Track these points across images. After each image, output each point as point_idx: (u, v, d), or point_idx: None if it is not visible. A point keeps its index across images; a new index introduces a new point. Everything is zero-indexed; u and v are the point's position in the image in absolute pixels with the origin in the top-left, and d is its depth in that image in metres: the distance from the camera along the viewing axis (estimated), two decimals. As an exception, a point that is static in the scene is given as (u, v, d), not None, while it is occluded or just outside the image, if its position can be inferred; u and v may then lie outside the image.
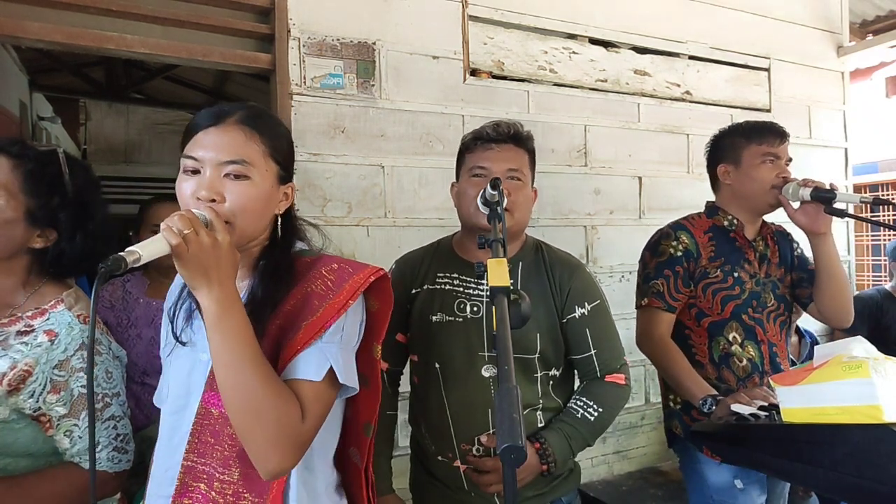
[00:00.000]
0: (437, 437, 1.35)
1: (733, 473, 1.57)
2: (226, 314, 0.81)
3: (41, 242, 1.06)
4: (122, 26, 2.24)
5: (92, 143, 5.91)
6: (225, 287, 0.81)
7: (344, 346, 0.91)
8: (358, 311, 0.95)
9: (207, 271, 0.80)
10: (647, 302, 1.67)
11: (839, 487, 1.07)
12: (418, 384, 1.41)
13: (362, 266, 0.95)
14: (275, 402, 0.81)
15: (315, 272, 0.93)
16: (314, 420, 0.86)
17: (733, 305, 1.62)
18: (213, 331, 0.82)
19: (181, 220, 0.79)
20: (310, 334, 0.88)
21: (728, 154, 1.71)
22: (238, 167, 0.88)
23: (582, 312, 1.36)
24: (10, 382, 0.96)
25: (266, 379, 0.82)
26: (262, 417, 0.80)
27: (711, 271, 1.64)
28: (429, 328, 1.35)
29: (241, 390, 0.81)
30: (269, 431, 0.80)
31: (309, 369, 0.87)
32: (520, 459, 0.51)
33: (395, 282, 1.44)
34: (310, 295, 0.91)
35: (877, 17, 4.34)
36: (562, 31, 3.06)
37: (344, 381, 0.89)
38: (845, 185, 3.93)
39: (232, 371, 0.81)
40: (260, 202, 0.91)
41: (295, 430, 0.83)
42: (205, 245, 0.79)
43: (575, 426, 1.31)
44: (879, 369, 1.03)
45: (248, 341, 0.82)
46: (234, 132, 0.90)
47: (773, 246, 1.72)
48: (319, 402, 0.87)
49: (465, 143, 1.41)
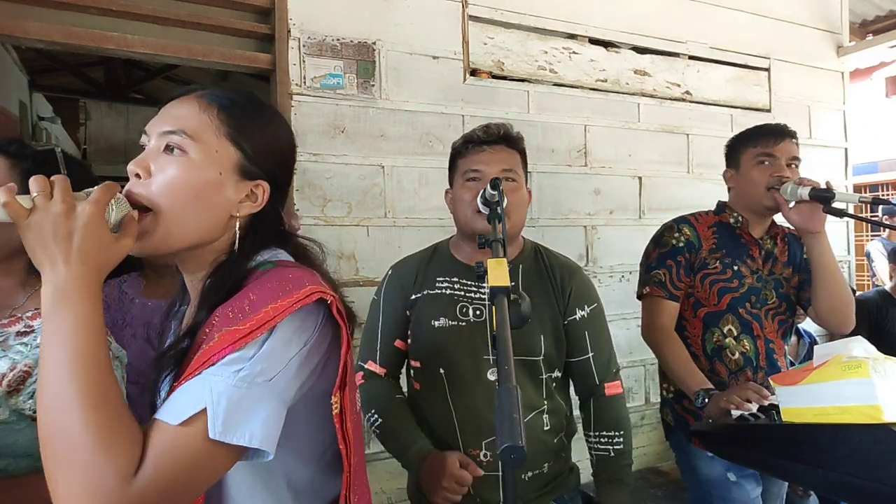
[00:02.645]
0: (443, 444, 1.33)
1: (725, 466, 1.60)
2: (63, 307, 0.62)
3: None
4: (122, 26, 2.24)
5: (92, 143, 5.91)
6: (73, 270, 0.63)
7: (243, 383, 0.63)
8: (293, 342, 0.69)
9: (49, 245, 0.62)
10: (648, 291, 1.69)
11: (839, 487, 1.07)
12: (420, 390, 1.41)
13: (298, 287, 0.70)
14: (95, 441, 0.58)
15: (244, 291, 0.70)
16: (158, 479, 0.59)
17: (730, 298, 1.63)
18: (46, 323, 0.62)
19: (35, 180, 0.64)
20: (194, 367, 0.65)
21: (732, 158, 1.75)
22: (175, 138, 0.72)
23: (582, 315, 1.37)
24: (10, 383, 0.96)
25: (91, 407, 0.59)
26: (71, 458, 0.58)
27: (711, 262, 1.66)
28: (431, 334, 1.35)
29: (54, 414, 0.59)
30: (74, 481, 0.57)
31: (170, 407, 0.63)
32: (520, 459, 0.50)
33: (392, 287, 1.44)
34: (219, 319, 0.68)
35: (877, 17, 4.34)
36: (562, 31, 3.06)
37: (217, 435, 0.60)
38: (845, 185, 3.94)
39: (50, 384, 0.60)
40: (194, 188, 0.72)
41: (113, 489, 0.57)
42: (53, 212, 0.62)
43: (616, 465, 1.35)
44: (879, 369, 1.03)
45: (84, 347, 0.61)
46: (188, 103, 0.76)
47: (783, 245, 1.73)
48: (171, 455, 0.60)
49: (456, 148, 1.41)
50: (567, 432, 1.41)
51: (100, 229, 0.65)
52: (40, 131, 4.83)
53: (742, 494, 1.60)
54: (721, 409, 1.36)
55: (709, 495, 1.65)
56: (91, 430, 0.58)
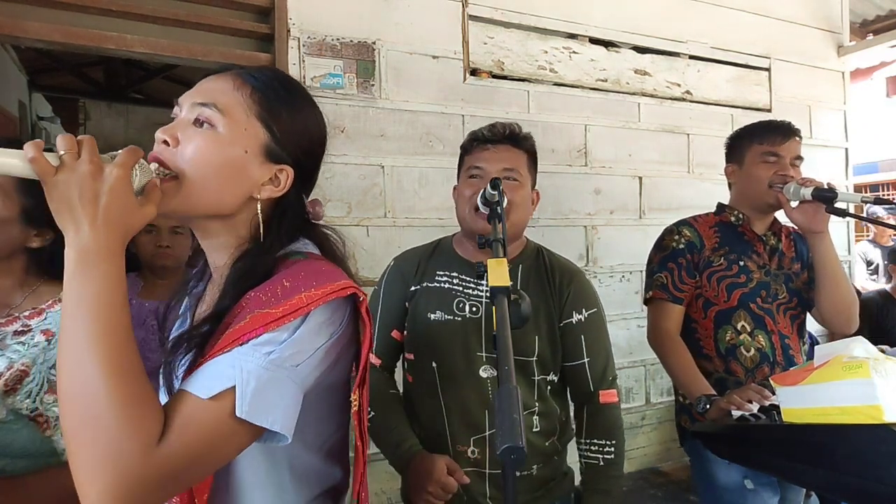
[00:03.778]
0: (432, 438, 1.33)
1: (743, 473, 1.56)
2: (87, 270, 0.60)
3: (38, 242, 1.06)
4: (122, 26, 2.24)
5: (92, 143, 5.91)
6: (99, 233, 0.61)
7: (272, 366, 0.64)
8: (322, 331, 0.69)
9: (75, 206, 0.60)
10: (651, 294, 1.69)
11: (839, 487, 1.07)
12: (412, 383, 1.40)
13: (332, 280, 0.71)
14: (117, 410, 0.57)
15: (277, 277, 0.71)
16: (180, 450, 0.59)
17: (740, 293, 1.62)
18: (68, 286, 0.61)
19: (63, 139, 0.62)
20: (223, 345, 0.65)
21: (734, 154, 1.74)
22: (205, 110, 0.72)
23: (579, 318, 1.35)
24: (7, 383, 0.96)
25: (115, 374, 0.58)
26: (94, 425, 0.57)
27: (715, 260, 1.65)
28: (427, 326, 1.35)
29: (76, 381, 0.58)
30: (95, 448, 0.56)
31: (198, 381, 0.63)
32: (520, 459, 0.50)
33: (392, 277, 1.44)
34: (250, 300, 0.68)
35: (877, 17, 4.34)
36: (562, 31, 3.06)
37: (244, 414, 0.61)
38: (846, 185, 3.93)
39: (72, 351, 0.59)
40: (219, 160, 0.72)
41: (134, 457, 0.56)
42: (80, 172, 0.61)
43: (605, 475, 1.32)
44: (880, 369, 1.03)
45: (105, 316, 0.60)
46: (224, 79, 0.76)
47: (789, 242, 1.72)
48: (198, 428, 0.60)
49: (463, 145, 1.42)
50: (561, 437, 1.39)
51: (126, 193, 0.64)
52: (40, 131, 4.83)
53: (759, 502, 1.56)
54: (722, 411, 1.35)
55: (723, 501, 1.61)
56: (114, 397, 0.58)
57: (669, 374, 1.64)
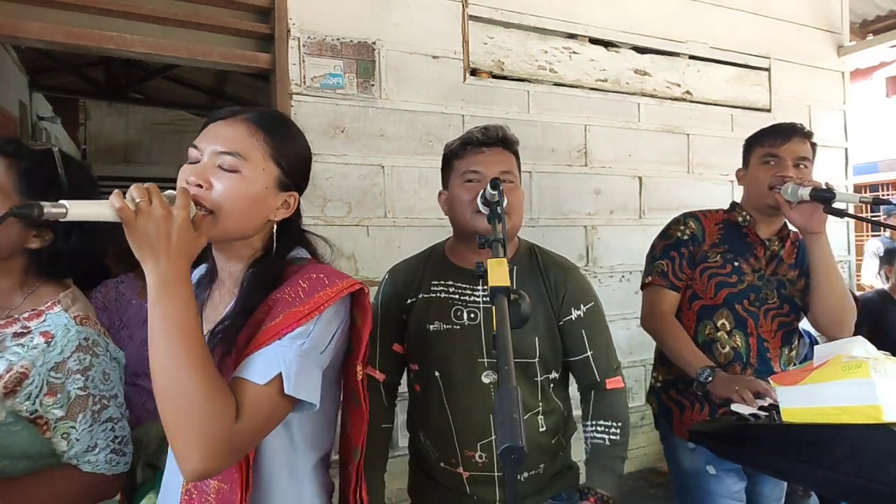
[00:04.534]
0: (440, 444, 1.34)
1: (705, 459, 1.61)
2: (168, 292, 0.78)
3: (37, 243, 1.05)
4: (122, 26, 2.24)
5: (91, 144, 5.92)
6: (173, 264, 0.78)
7: (305, 354, 0.84)
8: (334, 321, 0.90)
9: (154, 244, 0.76)
10: (650, 280, 1.71)
11: (839, 487, 1.07)
12: (419, 392, 1.41)
13: (341, 278, 0.91)
14: (205, 398, 0.76)
15: (292, 280, 0.90)
16: (250, 424, 0.80)
17: (727, 292, 1.64)
18: (154, 308, 0.78)
19: (137, 188, 0.77)
20: (267, 336, 0.84)
21: (744, 158, 1.77)
22: (231, 159, 0.87)
23: (578, 314, 1.36)
24: (7, 385, 0.96)
25: (200, 371, 0.77)
26: (189, 412, 0.75)
27: (711, 256, 1.68)
28: (426, 337, 1.35)
29: (171, 378, 0.77)
30: (194, 428, 0.75)
31: (254, 370, 0.82)
32: (520, 459, 0.50)
33: (388, 292, 1.44)
34: (278, 301, 0.87)
35: (877, 17, 4.34)
36: (562, 31, 3.06)
37: (291, 392, 0.81)
38: (845, 185, 3.94)
39: (165, 356, 0.77)
40: (247, 199, 0.88)
41: (224, 430, 0.76)
42: (156, 216, 0.76)
43: (609, 454, 1.32)
44: (879, 369, 1.03)
45: (187, 326, 0.78)
46: (238, 126, 0.91)
47: (791, 248, 1.73)
48: (259, 407, 0.81)
49: (452, 149, 1.40)
50: (565, 433, 1.41)
51: (189, 230, 0.79)
52: (40, 131, 4.83)
53: (721, 488, 1.61)
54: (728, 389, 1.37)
55: (688, 486, 1.68)
56: (202, 390, 0.76)
57: (667, 349, 1.65)
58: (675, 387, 1.72)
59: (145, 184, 0.79)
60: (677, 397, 1.71)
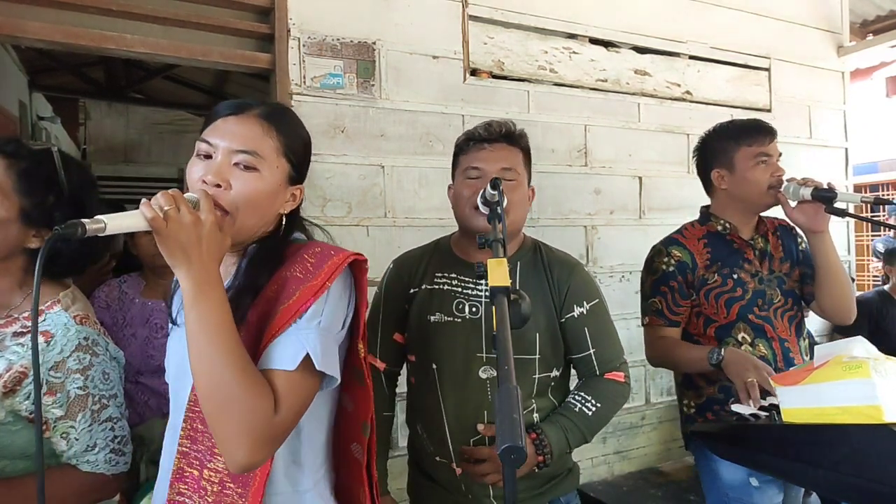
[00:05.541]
0: (434, 438, 1.34)
1: (748, 472, 1.56)
2: (203, 296, 0.79)
3: (37, 242, 1.05)
4: (122, 26, 2.24)
5: (91, 143, 5.90)
6: (205, 267, 0.80)
7: (323, 332, 0.87)
8: (343, 297, 0.92)
9: (186, 249, 0.78)
10: (647, 321, 1.70)
11: (839, 487, 1.07)
12: (415, 385, 1.41)
13: (343, 249, 0.94)
14: (246, 394, 0.78)
15: (297, 256, 0.92)
16: (289, 413, 0.83)
17: (738, 307, 1.62)
18: (190, 311, 0.80)
19: (164, 196, 0.78)
20: (286, 318, 0.86)
21: (720, 158, 1.69)
22: (249, 158, 0.88)
23: (581, 311, 1.35)
24: (6, 384, 0.96)
25: (239, 368, 0.79)
26: (232, 408, 0.78)
27: (710, 277, 1.64)
28: (427, 328, 1.35)
29: (212, 378, 0.79)
30: (238, 423, 0.78)
31: (283, 358, 0.84)
32: (520, 460, 0.51)
33: (392, 281, 1.44)
34: (288, 279, 0.89)
35: (877, 17, 4.34)
36: (562, 31, 3.05)
37: (322, 368, 0.84)
38: (846, 185, 3.93)
39: (204, 357, 0.79)
40: (264, 197, 0.90)
41: (266, 423, 0.79)
42: (185, 222, 0.78)
43: (572, 419, 1.29)
44: (880, 369, 1.03)
45: (224, 327, 0.80)
46: (251, 124, 0.91)
47: (775, 241, 1.71)
48: (294, 393, 0.83)
49: (458, 144, 1.41)
50: None
51: (217, 233, 0.82)
52: (40, 131, 4.83)
53: (763, 500, 1.56)
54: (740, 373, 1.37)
55: (728, 499, 1.60)
56: (243, 383, 0.78)
57: (679, 363, 1.64)
58: (709, 409, 1.65)
59: (169, 190, 0.80)
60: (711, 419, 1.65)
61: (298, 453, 0.94)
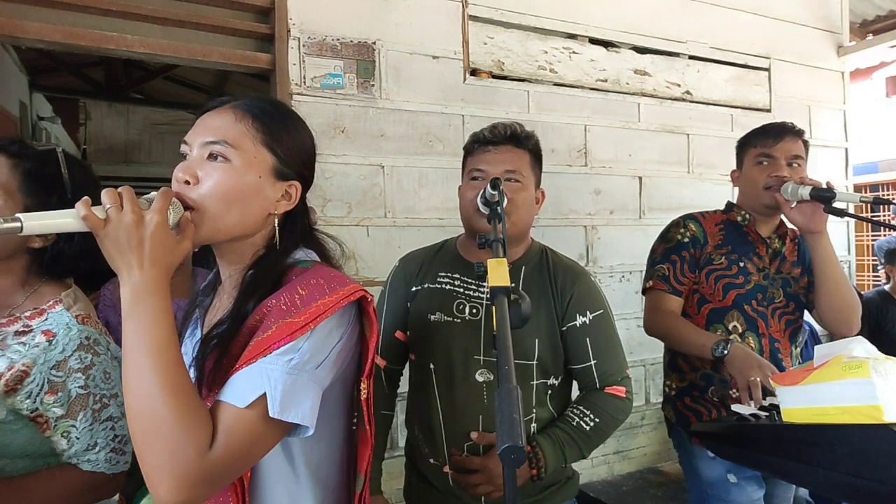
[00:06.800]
0: (429, 439, 1.33)
1: (726, 468, 1.58)
2: (140, 305, 0.71)
3: (40, 242, 1.06)
4: (122, 26, 2.24)
5: (92, 144, 5.91)
6: (146, 272, 0.71)
7: (294, 371, 0.73)
8: (334, 334, 0.79)
9: (125, 252, 0.71)
10: (651, 284, 1.69)
11: (839, 487, 1.07)
12: (414, 384, 1.40)
13: (343, 284, 0.80)
14: (176, 421, 0.67)
15: (290, 285, 0.80)
16: (228, 454, 0.69)
17: (735, 294, 1.63)
18: (126, 321, 0.71)
19: (107, 194, 0.71)
20: (254, 353, 0.74)
21: (738, 158, 1.77)
22: (218, 147, 0.80)
23: (583, 321, 1.32)
24: (8, 383, 0.96)
25: (171, 391, 0.68)
26: (158, 434, 0.67)
27: (716, 258, 1.66)
28: (427, 327, 1.34)
29: (140, 397, 0.69)
30: (161, 453, 0.67)
31: (235, 392, 0.72)
32: (520, 460, 0.50)
33: (397, 278, 1.44)
34: (272, 310, 0.77)
35: (877, 17, 4.34)
36: (562, 31, 3.06)
37: (277, 415, 0.70)
38: (845, 185, 3.94)
39: (136, 372, 0.70)
40: (235, 189, 0.80)
41: (195, 459, 0.67)
42: (125, 222, 0.70)
43: (570, 434, 1.27)
44: (880, 369, 1.03)
45: (161, 342, 0.70)
46: (225, 114, 0.84)
47: (792, 246, 1.72)
48: (240, 434, 0.70)
49: (465, 146, 1.41)
50: None
51: (165, 235, 0.73)
52: (40, 131, 4.83)
53: (742, 496, 1.57)
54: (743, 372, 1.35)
55: (707, 495, 1.63)
56: (171, 412, 0.68)
57: (677, 343, 1.63)
58: (689, 395, 1.68)
59: (119, 187, 0.73)
60: (693, 405, 1.67)
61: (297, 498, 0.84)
